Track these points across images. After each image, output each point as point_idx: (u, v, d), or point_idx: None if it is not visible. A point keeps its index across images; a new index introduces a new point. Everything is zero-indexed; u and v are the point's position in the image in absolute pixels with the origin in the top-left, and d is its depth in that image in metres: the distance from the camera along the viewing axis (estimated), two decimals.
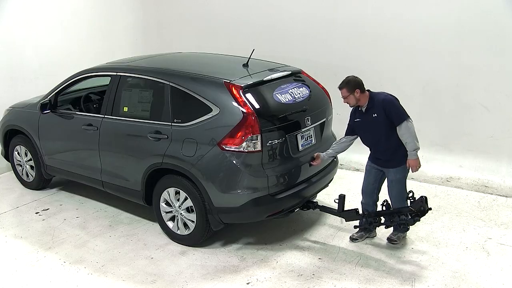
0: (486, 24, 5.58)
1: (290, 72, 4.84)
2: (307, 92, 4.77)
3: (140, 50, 7.58)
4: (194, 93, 4.33)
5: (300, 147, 4.51)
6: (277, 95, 4.43)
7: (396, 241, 4.47)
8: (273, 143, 4.20)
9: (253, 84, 4.33)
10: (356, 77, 4.16)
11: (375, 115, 4.14)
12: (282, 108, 4.40)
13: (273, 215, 4.35)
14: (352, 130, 4.40)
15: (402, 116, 4.05)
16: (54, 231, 4.99)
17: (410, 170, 4.21)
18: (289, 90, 4.58)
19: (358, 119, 4.29)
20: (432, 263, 4.23)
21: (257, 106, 4.17)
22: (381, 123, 4.13)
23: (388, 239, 4.51)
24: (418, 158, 4.13)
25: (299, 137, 4.50)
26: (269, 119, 4.24)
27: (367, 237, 4.59)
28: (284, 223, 4.96)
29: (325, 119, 4.86)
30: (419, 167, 4.17)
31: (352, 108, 4.32)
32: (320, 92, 5.00)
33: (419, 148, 4.10)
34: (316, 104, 4.82)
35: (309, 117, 4.57)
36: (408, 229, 4.46)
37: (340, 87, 4.17)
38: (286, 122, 4.37)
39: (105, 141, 4.93)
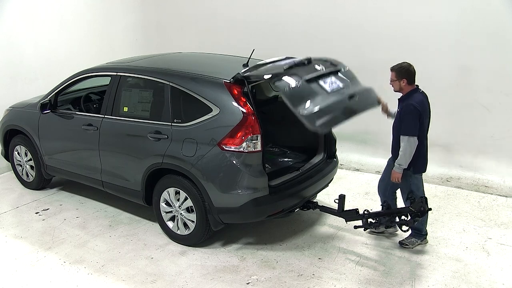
0: (486, 24, 5.58)
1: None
2: None
3: (140, 50, 7.58)
4: (194, 93, 4.33)
5: None
6: None
7: (408, 245, 4.45)
8: None
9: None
10: (411, 66, 4.15)
11: (399, 109, 4.22)
12: None
13: (273, 215, 4.35)
14: None
15: (407, 130, 4.08)
16: (54, 231, 4.99)
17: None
18: None
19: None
20: (432, 263, 4.23)
21: None
22: (398, 119, 4.20)
23: (400, 242, 4.50)
24: (400, 173, 4.16)
25: None
26: None
27: (383, 231, 4.66)
28: (284, 223, 4.96)
29: None
30: (398, 181, 4.21)
31: None
32: None
33: (404, 167, 4.14)
34: None
35: None
36: (422, 236, 4.48)
37: (391, 69, 4.19)
38: None
39: (105, 141, 4.93)
